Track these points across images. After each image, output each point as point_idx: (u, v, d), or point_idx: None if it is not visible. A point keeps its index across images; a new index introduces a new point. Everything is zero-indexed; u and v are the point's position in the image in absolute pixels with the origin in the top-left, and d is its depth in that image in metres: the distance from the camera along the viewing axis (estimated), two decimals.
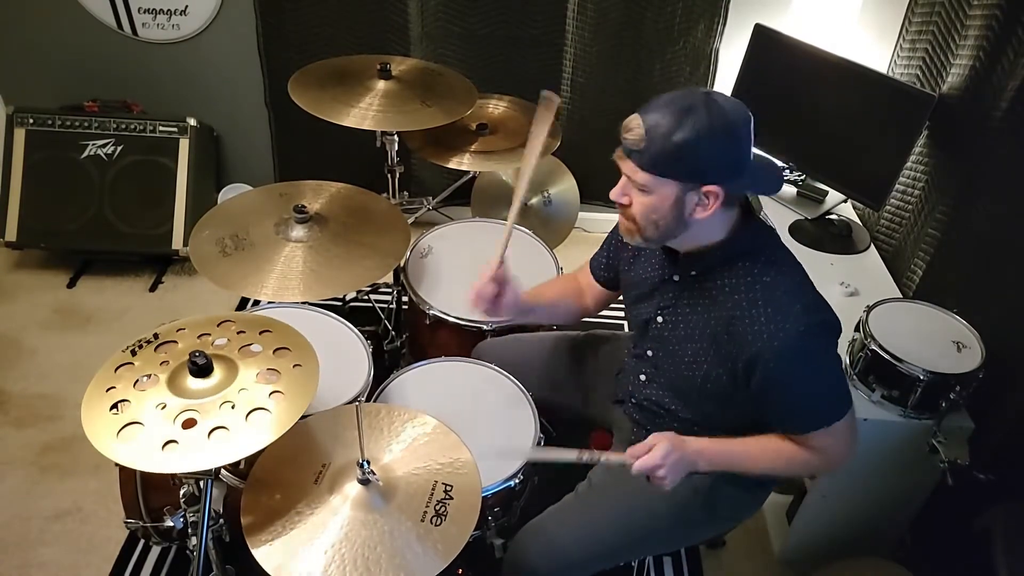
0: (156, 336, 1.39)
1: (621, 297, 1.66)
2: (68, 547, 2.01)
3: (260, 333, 1.42)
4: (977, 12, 2.01)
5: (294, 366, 1.36)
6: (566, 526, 1.56)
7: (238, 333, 1.42)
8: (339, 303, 2.66)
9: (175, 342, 1.38)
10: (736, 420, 1.44)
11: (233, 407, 1.27)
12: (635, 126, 1.25)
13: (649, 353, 1.52)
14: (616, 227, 1.60)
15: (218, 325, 1.43)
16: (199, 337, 1.40)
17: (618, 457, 1.37)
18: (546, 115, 1.53)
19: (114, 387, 1.28)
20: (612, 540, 1.55)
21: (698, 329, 1.39)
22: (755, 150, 1.28)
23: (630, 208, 1.34)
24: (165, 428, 1.23)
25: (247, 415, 1.26)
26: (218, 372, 1.32)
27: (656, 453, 1.33)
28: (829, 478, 1.86)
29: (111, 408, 1.25)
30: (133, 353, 1.35)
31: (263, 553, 1.24)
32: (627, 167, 1.31)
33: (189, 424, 1.24)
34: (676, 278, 1.43)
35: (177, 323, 1.42)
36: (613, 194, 1.37)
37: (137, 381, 1.30)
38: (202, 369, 1.30)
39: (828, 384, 1.36)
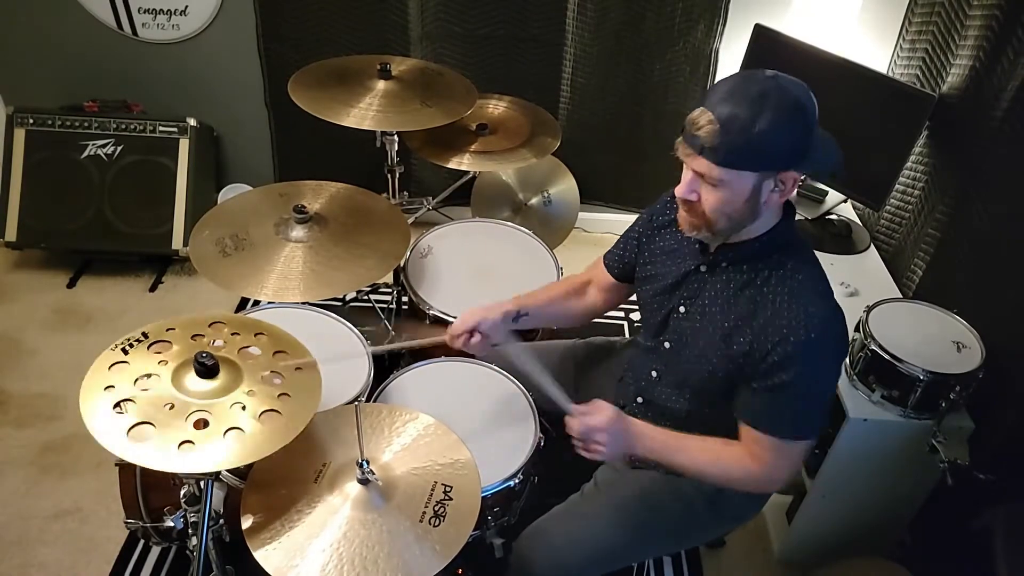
0: (146, 335, 1.37)
1: (634, 296, 1.64)
2: (68, 547, 2.01)
3: (255, 335, 1.42)
4: (977, 12, 2.01)
5: (295, 369, 1.36)
6: (571, 529, 1.56)
7: (232, 335, 1.41)
8: (339, 303, 2.66)
9: (168, 342, 1.37)
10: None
11: (244, 408, 1.27)
12: (706, 122, 1.18)
13: (667, 345, 1.49)
14: (637, 222, 1.59)
15: (209, 326, 1.42)
16: (192, 338, 1.39)
17: (564, 401, 1.39)
18: None
19: (112, 386, 1.28)
20: (617, 542, 1.55)
21: (713, 322, 1.38)
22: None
23: (698, 204, 1.27)
24: (178, 428, 1.22)
25: (259, 416, 1.26)
26: (223, 373, 1.31)
27: (601, 417, 1.35)
28: (829, 478, 1.86)
29: (114, 407, 1.24)
30: (125, 351, 1.34)
31: (263, 552, 1.24)
32: (699, 164, 1.22)
33: (201, 424, 1.24)
34: (703, 268, 1.41)
35: (165, 323, 1.41)
36: (680, 192, 1.28)
37: (137, 379, 1.29)
38: (210, 370, 1.29)
39: (813, 402, 1.35)
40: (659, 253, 1.52)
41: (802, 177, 1.24)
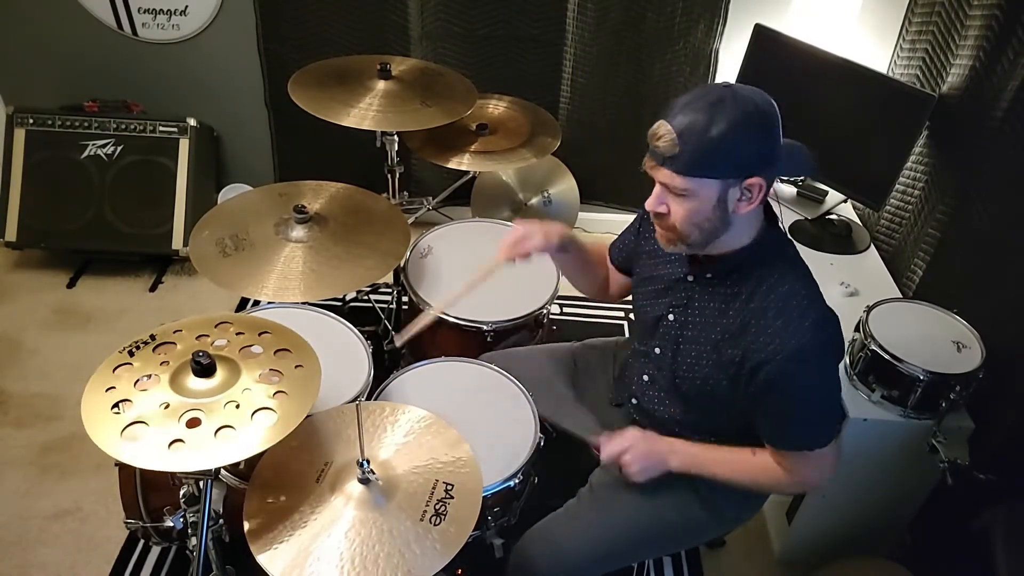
0: (153, 337, 1.38)
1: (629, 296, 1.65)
2: (68, 547, 2.01)
3: (259, 335, 1.42)
4: (977, 12, 2.01)
5: (296, 367, 1.36)
6: (570, 531, 1.56)
7: (237, 334, 1.41)
8: (339, 303, 2.66)
9: (173, 343, 1.38)
10: (732, 425, 1.44)
11: (238, 407, 1.27)
12: (664, 132, 1.21)
13: (657, 351, 1.50)
14: (641, 216, 1.59)
15: (216, 326, 1.43)
16: (197, 338, 1.39)
17: (588, 433, 1.46)
18: None
19: (114, 387, 1.28)
20: (617, 544, 1.55)
21: (704, 332, 1.39)
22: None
23: (668, 217, 1.28)
24: (170, 427, 1.23)
25: (252, 415, 1.26)
26: (220, 372, 1.32)
27: (623, 440, 1.40)
28: (829, 478, 1.86)
29: (112, 407, 1.25)
30: (131, 354, 1.34)
31: (264, 552, 1.24)
32: (662, 176, 1.25)
33: (194, 423, 1.24)
34: (691, 278, 1.42)
35: (174, 324, 1.42)
36: (649, 205, 1.30)
37: (138, 381, 1.30)
38: (205, 369, 1.30)
39: (821, 408, 1.36)
40: (650, 256, 1.53)
41: (766, 184, 1.24)
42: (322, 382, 1.36)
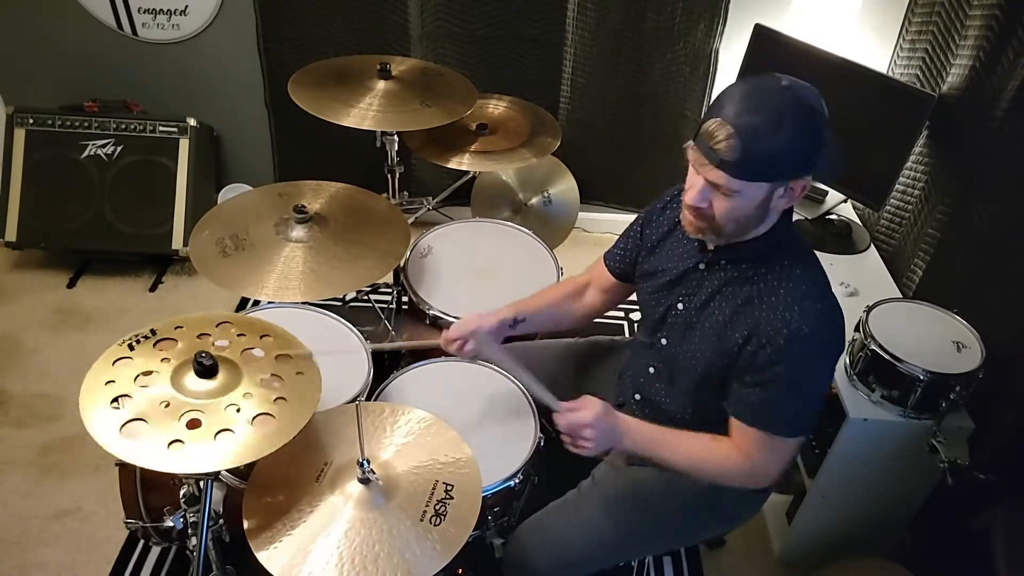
0: (153, 332, 1.38)
1: (634, 296, 1.63)
2: (68, 547, 2.01)
3: (261, 337, 1.42)
4: (977, 12, 2.01)
5: (297, 373, 1.36)
6: (568, 523, 1.56)
7: (238, 336, 1.41)
8: (339, 303, 2.66)
9: (174, 340, 1.38)
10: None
11: (239, 410, 1.27)
12: (724, 136, 1.17)
13: (664, 341, 1.49)
14: (637, 220, 1.60)
15: (217, 325, 1.43)
16: (198, 337, 1.39)
17: (551, 399, 1.42)
18: None
19: (113, 381, 1.28)
20: (614, 538, 1.55)
21: (709, 320, 1.38)
22: None
23: (709, 210, 1.27)
24: (170, 427, 1.22)
25: (252, 419, 1.26)
26: (222, 374, 1.31)
27: (587, 413, 1.35)
28: (829, 478, 1.86)
29: (112, 402, 1.25)
30: (131, 347, 1.34)
31: (264, 551, 1.24)
32: (714, 176, 1.21)
33: (194, 424, 1.24)
34: (702, 266, 1.42)
35: (175, 320, 1.42)
36: (692, 200, 1.27)
37: (138, 376, 1.29)
38: (208, 370, 1.29)
39: (808, 395, 1.34)
40: (659, 250, 1.52)
41: (811, 182, 1.25)
42: (321, 387, 1.36)
